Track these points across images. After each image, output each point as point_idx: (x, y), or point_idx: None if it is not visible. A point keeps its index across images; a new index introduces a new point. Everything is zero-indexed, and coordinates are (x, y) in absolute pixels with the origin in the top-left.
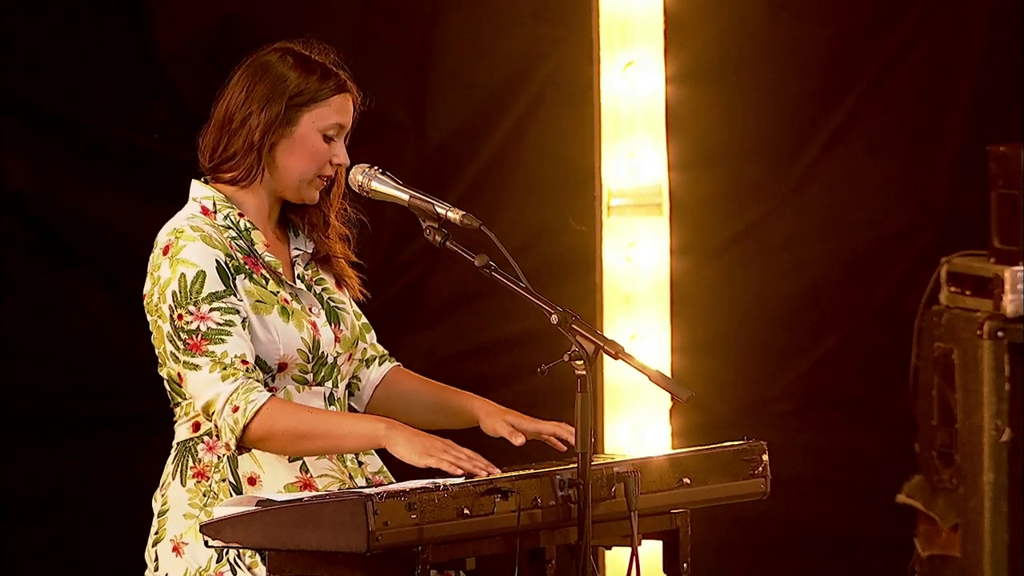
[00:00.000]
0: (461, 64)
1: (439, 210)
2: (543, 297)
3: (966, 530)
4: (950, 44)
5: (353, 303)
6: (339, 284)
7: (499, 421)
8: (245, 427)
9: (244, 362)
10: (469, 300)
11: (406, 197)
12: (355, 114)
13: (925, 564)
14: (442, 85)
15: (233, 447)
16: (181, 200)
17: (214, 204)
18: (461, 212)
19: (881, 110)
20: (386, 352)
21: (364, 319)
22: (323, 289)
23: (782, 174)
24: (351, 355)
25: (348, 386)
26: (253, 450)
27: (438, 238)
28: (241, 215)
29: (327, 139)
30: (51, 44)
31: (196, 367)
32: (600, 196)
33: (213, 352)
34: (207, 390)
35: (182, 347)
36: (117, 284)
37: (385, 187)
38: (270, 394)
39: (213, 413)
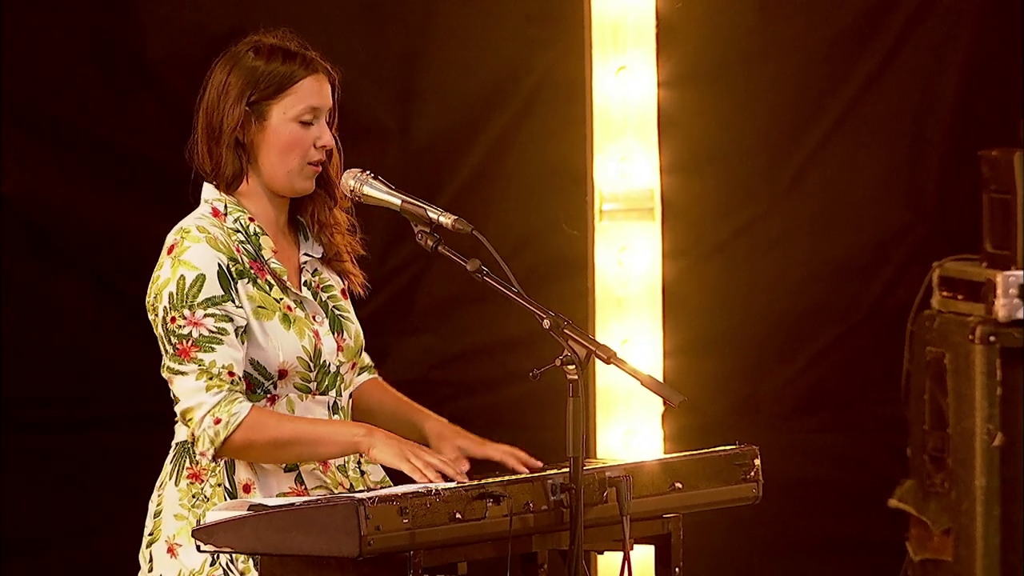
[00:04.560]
0: (452, 67)
1: (431, 215)
2: (535, 301)
3: (958, 534)
4: (940, 47)
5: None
6: (344, 292)
7: (447, 445)
8: (226, 439)
9: (231, 374)
10: (461, 304)
11: (398, 202)
12: (334, 94)
13: (917, 568)
14: (434, 88)
15: (210, 456)
16: (174, 202)
17: (225, 207)
18: (453, 216)
19: (871, 113)
20: (371, 364)
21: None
22: (329, 296)
23: (773, 177)
24: (354, 364)
25: None
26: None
27: (430, 242)
28: (252, 219)
29: (304, 124)
30: (43, 46)
31: (183, 374)
32: (592, 200)
33: (202, 360)
34: (190, 398)
35: (171, 351)
36: (111, 286)
37: (377, 192)
38: (251, 405)
39: (191, 420)
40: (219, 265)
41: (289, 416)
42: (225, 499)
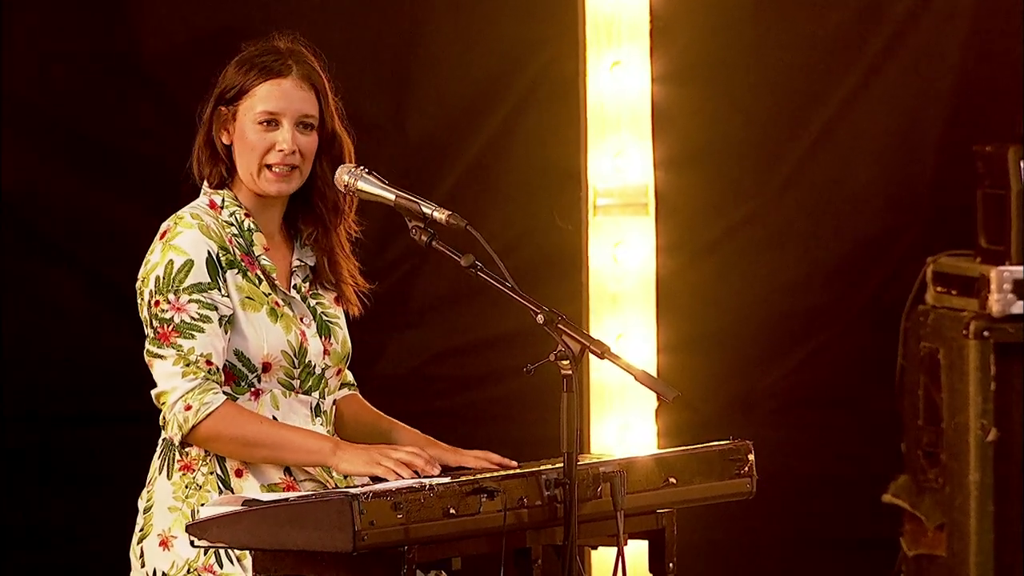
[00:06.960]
0: (447, 63)
1: (425, 210)
2: (529, 297)
3: (952, 530)
4: (934, 44)
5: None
6: (337, 300)
7: None
8: (194, 427)
9: (209, 362)
10: (455, 300)
11: (392, 197)
12: (320, 101)
13: (911, 564)
14: (429, 84)
15: (177, 442)
16: (171, 200)
17: (222, 200)
18: (447, 212)
19: (866, 109)
20: (354, 383)
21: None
22: (318, 303)
23: (768, 173)
24: (340, 370)
25: None
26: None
27: (424, 238)
28: (247, 215)
29: (265, 127)
30: (41, 46)
31: (161, 357)
32: (586, 195)
33: (181, 346)
34: (165, 382)
35: (152, 335)
36: (107, 284)
37: (371, 187)
38: (225, 398)
39: (164, 404)
40: (208, 253)
41: (261, 417)
42: (218, 487)
